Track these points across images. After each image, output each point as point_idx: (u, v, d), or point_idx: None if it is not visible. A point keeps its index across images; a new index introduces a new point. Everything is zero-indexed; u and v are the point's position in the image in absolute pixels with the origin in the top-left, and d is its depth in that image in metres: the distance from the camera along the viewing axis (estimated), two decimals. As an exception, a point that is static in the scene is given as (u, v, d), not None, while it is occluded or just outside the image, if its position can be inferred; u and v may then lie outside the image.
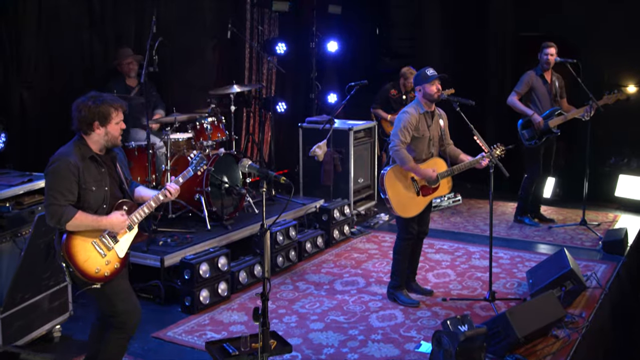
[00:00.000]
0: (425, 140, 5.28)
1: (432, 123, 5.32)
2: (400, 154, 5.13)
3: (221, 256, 5.38)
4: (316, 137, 7.52)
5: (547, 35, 8.82)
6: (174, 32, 7.54)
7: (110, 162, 3.84)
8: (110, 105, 3.72)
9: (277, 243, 6.07)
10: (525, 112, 7.27)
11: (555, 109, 7.25)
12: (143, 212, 3.83)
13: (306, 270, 6.23)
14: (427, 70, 5.23)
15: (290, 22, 9.34)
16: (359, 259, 6.57)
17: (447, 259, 6.55)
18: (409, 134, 5.18)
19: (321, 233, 6.78)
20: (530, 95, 7.33)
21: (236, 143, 8.43)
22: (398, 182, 5.22)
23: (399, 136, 5.14)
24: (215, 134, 6.49)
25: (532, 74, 7.33)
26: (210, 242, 5.80)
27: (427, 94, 5.22)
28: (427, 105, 5.27)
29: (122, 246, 3.76)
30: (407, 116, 5.19)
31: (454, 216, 8.16)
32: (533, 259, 6.46)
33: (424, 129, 5.26)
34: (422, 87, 5.22)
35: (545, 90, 7.30)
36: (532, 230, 7.45)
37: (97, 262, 3.65)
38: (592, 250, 6.77)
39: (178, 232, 5.88)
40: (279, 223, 6.32)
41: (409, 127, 5.16)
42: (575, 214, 7.86)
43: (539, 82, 7.30)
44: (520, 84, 7.36)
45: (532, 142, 7.29)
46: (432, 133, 5.32)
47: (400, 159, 5.14)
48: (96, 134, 3.70)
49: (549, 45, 7.22)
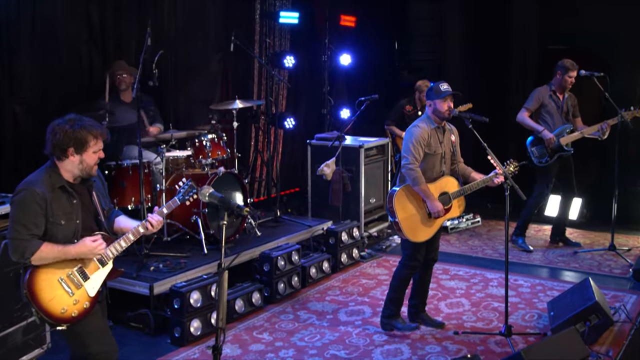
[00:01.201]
0: (437, 157, 4.95)
1: (444, 139, 4.99)
2: (414, 173, 4.80)
3: (215, 283, 5.06)
4: (325, 155, 7.22)
5: (574, 48, 8.48)
6: (177, 45, 7.35)
7: (85, 192, 3.55)
8: (88, 131, 3.43)
9: (277, 269, 5.74)
10: (536, 128, 6.90)
11: (567, 127, 6.89)
12: (119, 246, 3.54)
13: (309, 298, 5.88)
14: (441, 85, 4.90)
15: (302, 35, 9.08)
16: (367, 285, 6.21)
17: (462, 286, 6.15)
18: (422, 150, 4.86)
19: (327, 257, 6.43)
20: (540, 113, 6.98)
21: (241, 161, 8.22)
22: (409, 204, 4.88)
23: (413, 152, 4.82)
24: (215, 151, 6.21)
25: (544, 90, 6.99)
26: (205, 267, 5.49)
27: (438, 111, 4.90)
28: (437, 121, 4.95)
29: (93, 284, 3.46)
30: (419, 131, 4.88)
31: (472, 239, 7.75)
32: (556, 288, 6.04)
33: (436, 145, 4.93)
34: (433, 103, 4.91)
35: (556, 108, 6.97)
36: (555, 256, 7.01)
37: (64, 301, 3.35)
38: (621, 278, 6.31)
39: (172, 257, 5.58)
40: (281, 247, 6.00)
41: (421, 142, 4.85)
42: (604, 238, 7.41)
43: (551, 98, 6.96)
44: (530, 100, 7.00)
45: (542, 160, 6.92)
46: (444, 149, 4.98)
47: (413, 179, 4.81)
48: (70, 160, 3.42)
49: (572, 68, 6.82)
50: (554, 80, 6.95)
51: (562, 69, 6.87)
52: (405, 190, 4.88)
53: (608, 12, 8.14)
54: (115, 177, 5.87)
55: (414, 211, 4.89)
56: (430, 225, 4.95)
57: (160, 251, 5.66)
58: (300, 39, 9.11)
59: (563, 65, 6.87)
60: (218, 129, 6.29)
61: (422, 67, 10.85)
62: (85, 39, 6.41)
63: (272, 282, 5.71)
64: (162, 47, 7.03)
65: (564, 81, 6.85)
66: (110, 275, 3.57)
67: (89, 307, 3.43)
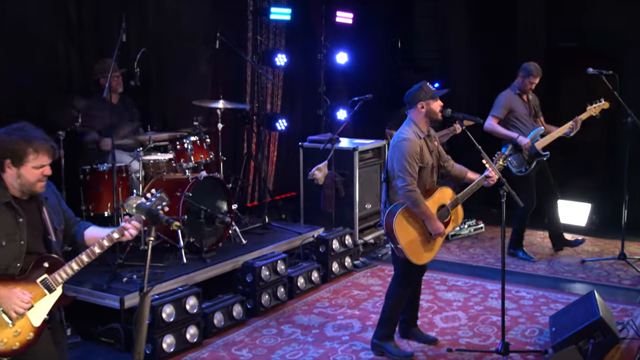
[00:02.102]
0: (429, 170, 4.63)
1: (433, 147, 4.68)
2: (414, 194, 4.42)
3: (190, 296, 4.80)
4: (318, 158, 6.93)
5: (585, 46, 8.16)
6: (163, 43, 7.11)
7: (35, 209, 3.25)
8: (28, 143, 3.12)
9: (261, 279, 5.47)
10: (509, 135, 6.59)
11: (539, 130, 6.63)
12: (77, 264, 3.21)
13: (296, 311, 5.60)
14: (429, 84, 4.59)
15: (298, 32, 8.81)
16: (358, 297, 5.92)
17: (459, 298, 5.85)
18: (417, 165, 4.50)
19: (317, 267, 6.15)
20: (509, 119, 6.67)
21: (232, 164, 7.98)
22: (410, 227, 4.52)
23: (409, 171, 4.43)
24: (197, 154, 5.95)
25: (509, 94, 6.70)
26: (184, 278, 5.23)
27: (432, 112, 4.58)
28: (424, 127, 4.63)
29: (37, 312, 3.15)
30: (410, 145, 4.47)
31: (474, 246, 7.43)
32: (560, 300, 5.72)
33: (428, 156, 4.60)
34: (426, 104, 4.58)
35: (525, 111, 6.68)
36: (561, 265, 6.68)
37: (3, 333, 3.06)
38: (631, 290, 5.99)
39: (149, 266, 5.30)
40: (266, 256, 5.73)
41: (415, 157, 4.47)
42: (614, 246, 7.07)
43: (518, 102, 6.68)
44: (497, 106, 6.69)
45: (522, 169, 6.62)
46: (434, 158, 4.67)
47: (414, 201, 4.43)
48: (8, 173, 3.14)
49: (536, 74, 6.56)
50: (516, 82, 6.71)
51: (524, 72, 6.63)
52: (405, 213, 4.50)
53: (621, 8, 7.79)
54: (91, 181, 5.62)
55: (415, 234, 4.54)
56: (433, 244, 4.64)
57: (136, 261, 5.40)
58: (296, 37, 8.83)
59: (526, 69, 6.61)
60: (201, 130, 6.02)
61: (426, 67, 10.58)
62: (62, 37, 6.17)
63: (255, 294, 5.44)
64: (147, 45, 6.83)
65: (524, 85, 6.62)
66: (60, 301, 3.26)
67: (33, 338, 3.13)
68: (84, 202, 5.61)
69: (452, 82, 9.76)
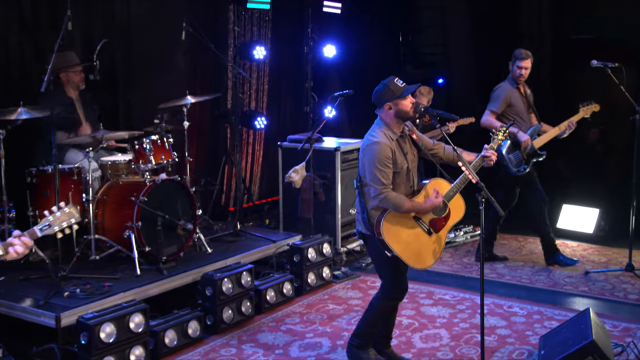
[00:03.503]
0: (403, 174, 4.23)
1: (407, 148, 4.28)
2: (390, 198, 4.05)
3: (135, 313, 4.43)
4: (298, 159, 6.58)
5: (601, 39, 7.75)
6: (132, 34, 6.80)
7: None
8: None
9: (222, 293, 5.10)
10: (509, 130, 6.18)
11: (537, 127, 6.31)
12: None
13: (262, 327, 5.23)
14: (396, 80, 4.19)
15: (284, 23, 8.43)
16: (333, 312, 5.53)
17: (445, 313, 5.43)
18: (390, 170, 4.11)
19: (290, 278, 5.77)
20: (507, 114, 6.29)
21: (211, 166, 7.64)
22: (401, 231, 4.13)
23: (380, 179, 4.05)
24: (158, 155, 5.58)
25: (508, 87, 6.32)
26: (134, 292, 4.88)
27: (402, 112, 4.18)
28: (397, 127, 4.23)
29: None
30: (380, 149, 4.08)
31: (469, 255, 7.01)
32: (557, 317, 5.29)
33: (401, 160, 4.20)
34: (394, 104, 4.17)
35: (523, 105, 6.32)
36: (563, 277, 6.24)
37: None
38: (637, 306, 5.53)
39: (96, 279, 4.97)
40: (230, 267, 5.36)
41: (386, 162, 4.09)
42: (623, 256, 6.61)
43: (516, 95, 6.31)
44: (496, 100, 6.30)
45: (521, 168, 6.24)
46: (409, 160, 4.27)
47: (393, 205, 4.06)
48: None
49: (524, 56, 6.20)
50: (510, 73, 6.34)
51: (512, 58, 6.29)
52: (390, 219, 4.11)
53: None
54: (38, 185, 5.30)
55: (410, 237, 4.16)
56: (433, 243, 4.25)
57: (84, 272, 5.06)
58: (283, 28, 8.47)
59: (513, 54, 6.28)
60: (162, 129, 5.67)
61: (430, 62, 10.19)
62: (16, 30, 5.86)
63: (215, 309, 5.07)
64: (114, 36, 6.54)
65: (514, 72, 6.27)
66: None
67: None
68: (31, 207, 5.28)
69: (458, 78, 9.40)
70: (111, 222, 5.32)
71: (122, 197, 5.30)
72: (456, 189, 4.25)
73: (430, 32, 10.23)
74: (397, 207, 4.05)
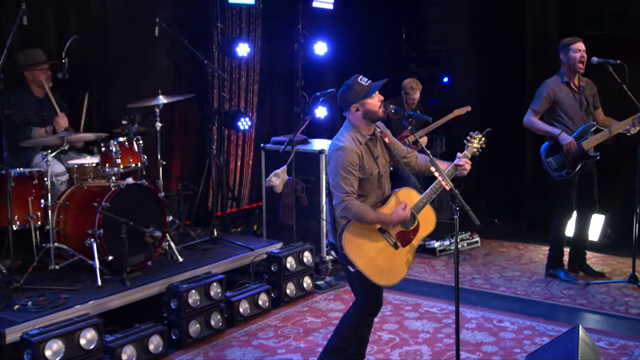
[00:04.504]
0: (374, 180, 3.97)
1: (379, 151, 4.02)
2: (353, 207, 3.79)
3: (87, 328, 4.21)
4: (282, 162, 6.34)
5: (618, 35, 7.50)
6: (109, 31, 6.63)
7: None
8: None
9: (189, 305, 4.87)
10: (550, 132, 5.84)
11: (591, 125, 5.78)
12: None
13: (232, 342, 4.99)
14: (360, 79, 3.93)
15: (274, 20, 8.20)
16: (311, 325, 5.28)
17: (429, 328, 5.16)
18: (355, 178, 3.86)
19: (267, 288, 5.53)
20: (555, 112, 5.90)
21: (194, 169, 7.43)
22: (365, 244, 3.87)
23: (343, 186, 3.80)
24: (125, 158, 5.37)
25: (554, 83, 5.92)
26: (93, 304, 4.66)
27: (370, 112, 3.92)
28: (367, 129, 3.97)
29: None
30: (345, 154, 3.83)
31: (464, 264, 6.72)
32: (549, 333, 5.00)
33: (371, 165, 3.94)
34: (360, 105, 3.91)
35: (574, 102, 5.87)
36: (561, 289, 5.93)
37: None
38: (639, 321, 5.21)
39: (52, 290, 4.76)
40: (197, 277, 5.14)
41: (351, 169, 3.83)
42: (628, 266, 6.26)
43: (565, 92, 5.88)
44: (538, 98, 5.94)
45: (562, 172, 5.84)
46: (381, 165, 4.01)
47: (355, 214, 3.80)
48: None
49: (575, 40, 5.81)
50: (562, 67, 5.92)
51: (563, 48, 5.88)
52: (353, 230, 3.86)
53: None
54: (-5, 189, 5.11)
55: (375, 251, 3.89)
56: (400, 258, 3.97)
57: (42, 283, 4.86)
58: (273, 25, 8.24)
59: (562, 44, 5.89)
60: (130, 131, 5.46)
61: (436, 59, 9.91)
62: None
63: (180, 323, 4.85)
64: (88, 33, 6.36)
65: (571, 60, 5.81)
66: None
67: None
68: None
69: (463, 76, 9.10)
70: (73, 229, 5.11)
71: (84, 203, 5.10)
72: (426, 199, 3.98)
73: (434, 28, 9.95)
74: (359, 218, 3.80)
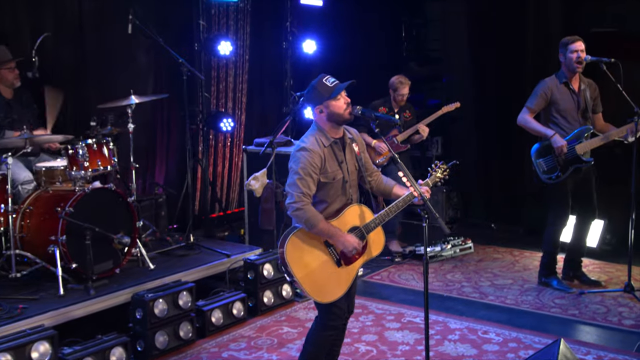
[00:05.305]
0: (338, 184, 3.81)
1: (345, 156, 3.84)
2: (305, 213, 3.64)
3: (40, 341, 4.06)
4: (264, 165, 6.17)
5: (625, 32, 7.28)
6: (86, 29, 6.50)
7: None
8: None
9: (154, 316, 4.71)
10: (543, 132, 5.64)
11: (586, 129, 5.58)
12: None
13: (201, 354, 4.82)
14: (326, 79, 3.76)
15: (263, 17, 8.04)
16: (286, 336, 5.10)
17: (410, 339, 4.97)
18: (313, 181, 3.70)
19: (242, 297, 5.36)
20: (550, 112, 5.69)
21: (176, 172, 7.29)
22: (307, 254, 3.71)
23: (300, 187, 3.66)
24: (93, 161, 5.22)
25: (552, 82, 5.70)
26: (52, 314, 4.52)
27: (335, 115, 3.75)
28: (333, 132, 3.80)
29: None
30: (306, 155, 3.69)
31: (455, 271, 6.51)
32: (535, 345, 4.79)
33: (335, 169, 3.78)
34: (325, 106, 3.74)
35: (571, 103, 5.66)
36: (553, 298, 5.71)
37: None
38: (631, 333, 4.99)
39: (10, 300, 4.62)
40: (166, 286, 4.98)
41: (311, 171, 3.68)
42: (627, 273, 6.02)
43: (563, 92, 5.67)
44: (534, 96, 5.74)
45: (552, 175, 5.64)
46: (346, 170, 3.83)
47: (306, 221, 3.64)
48: None
49: (574, 39, 5.60)
50: (562, 66, 5.71)
51: (562, 47, 5.67)
52: (300, 236, 3.71)
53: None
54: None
55: (315, 263, 3.73)
56: (341, 276, 3.80)
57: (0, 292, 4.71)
58: (263, 23, 8.07)
59: (562, 43, 5.68)
60: (99, 132, 5.31)
61: (437, 58, 9.70)
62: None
63: (146, 334, 4.69)
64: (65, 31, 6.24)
65: (569, 61, 5.61)
66: None
67: None
68: None
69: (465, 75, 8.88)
70: (36, 235, 4.97)
71: (48, 208, 4.95)
72: (378, 221, 3.83)
73: (437, 27, 9.74)
74: (310, 225, 3.63)
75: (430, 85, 9.64)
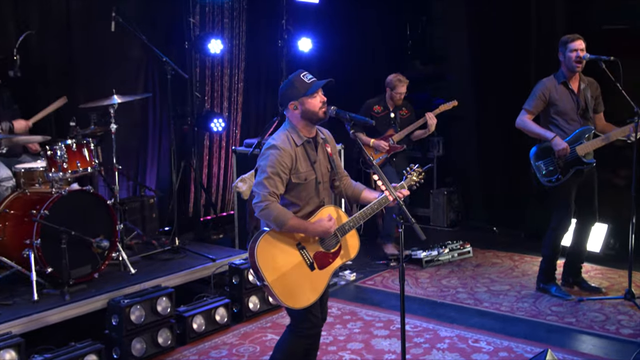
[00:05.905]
0: (310, 185, 3.68)
1: (318, 156, 3.71)
2: (272, 211, 3.50)
3: (6, 349, 3.96)
4: (253, 166, 6.03)
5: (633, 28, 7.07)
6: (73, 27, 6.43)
7: None
8: None
9: (130, 322, 4.60)
10: (543, 135, 5.47)
11: (587, 129, 5.40)
12: None
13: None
14: (303, 75, 3.63)
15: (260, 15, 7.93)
16: (270, 343, 4.97)
17: (397, 348, 4.81)
18: (282, 181, 3.58)
19: (226, 302, 5.24)
20: (549, 113, 5.53)
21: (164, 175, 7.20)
22: (278, 257, 3.58)
23: (267, 186, 3.53)
24: (72, 163, 5.11)
25: (550, 83, 5.55)
26: (25, 321, 4.41)
27: (310, 113, 3.62)
28: (306, 130, 3.67)
29: None
30: (276, 154, 3.56)
31: (451, 276, 6.35)
32: (527, 355, 4.63)
33: (307, 169, 3.66)
34: (299, 103, 3.61)
35: (570, 104, 5.48)
36: (550, 305, 5.53)
37: None
38: (629, 343, 4.80)
39: (-19, 305, 4.54)
40: (144, 291, 4.87)
41: (280, 170, 3.56)
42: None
43: (562, 92, 5.50)
44: (532, 98, 5.58)
45: (552, 178, 5.47)
46: (319, 171, 3.70)
47: (274, 219, 3.51)
48: None
49: (574, 38, 5.43)
50: (561, 66, 5.54)
51: (561, 46, 5.51)
52: (270, 238, 3.57)
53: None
54: None
55: (287, 267, 3.59)
56: (314, 280, 3.66)
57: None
58: (259, 21, 7.97)
59: (561, 41, 5.51)
60: (79, 133, 5.22)
61: (443, 56, 9.54)
62: None
63: (122, 340, 4.58)
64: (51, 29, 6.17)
65: (568, 60, 5.43)
66: None
67: None
68: None
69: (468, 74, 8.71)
70: (12, 239, 4.89)
71: (24, 211, 4.86)
72: (353, 223, 3.70)
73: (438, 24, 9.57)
74: (279, 223, 3.50)
75: (434, 85, 9.47)
